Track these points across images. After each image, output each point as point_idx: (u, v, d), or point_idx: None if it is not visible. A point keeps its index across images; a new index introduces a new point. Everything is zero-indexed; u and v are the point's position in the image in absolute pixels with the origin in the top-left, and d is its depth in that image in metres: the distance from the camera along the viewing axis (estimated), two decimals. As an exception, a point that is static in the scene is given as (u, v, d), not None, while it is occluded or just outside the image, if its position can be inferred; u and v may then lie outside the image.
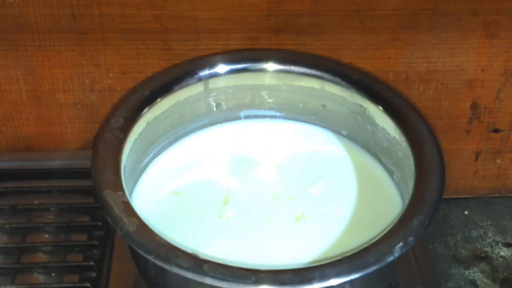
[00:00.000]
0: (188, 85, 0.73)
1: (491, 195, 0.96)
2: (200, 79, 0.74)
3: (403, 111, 0.71)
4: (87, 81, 0.82)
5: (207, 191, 0.71)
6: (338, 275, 0.56)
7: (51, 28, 0.78)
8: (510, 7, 0.80)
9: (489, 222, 0.93)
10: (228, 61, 0.75)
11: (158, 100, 0.71)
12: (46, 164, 0.83)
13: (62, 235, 0.76)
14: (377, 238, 0.59)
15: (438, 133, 0.86)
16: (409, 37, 0.81)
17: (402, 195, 0.70)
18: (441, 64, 0.84)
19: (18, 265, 0.72)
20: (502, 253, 0.88)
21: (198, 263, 0.56)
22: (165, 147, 0.75)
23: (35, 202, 0.79)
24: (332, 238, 0.66)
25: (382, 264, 0.57)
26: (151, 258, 0.57)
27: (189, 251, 0.57)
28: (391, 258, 0.57)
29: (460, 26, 0.81)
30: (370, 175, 0.74)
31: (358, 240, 0.63)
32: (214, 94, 0.76)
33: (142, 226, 0.59)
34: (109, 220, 0.59)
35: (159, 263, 0.56)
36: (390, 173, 0.73)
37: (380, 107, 0.72)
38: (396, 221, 0.60)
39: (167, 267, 0.56)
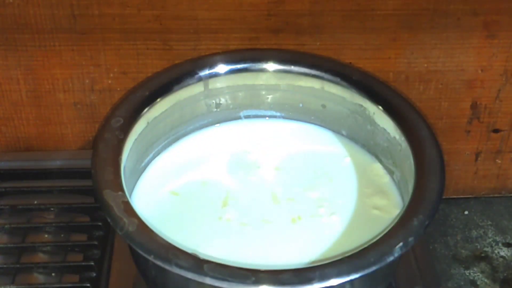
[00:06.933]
0: (188, 85, 0.73)
1: (491, 195, 0.96)
2: (200, 79, 0.74)
3: (403, 111, 0.71)
4: (87, 81, 0.82)
5: (207, 191, 0.71)
6: (338, 275, 0.56)
7: (51, 28, 0.78)
8: (510, 7, 0.80)
9: (489, 222, 0.93)
10: (228, 61, 0.75)
11: (158, 100, 0.71)
12: (46, 164, 0.83)
13: (62, 235, 0.76)
14: (377, 238, 0.59)
15: (438, 133, 0.86)
16: (409, 37, 0.81)
17: (402, 195, 0.70)
18: (441, 64, 0.84)
19: (18, 265, 0.72)
20: (502, 253, 0.88)
21: (198, 263, 0.56)
22: (165, 147, 0.75)
23: (35, 202, 0.79)
24: (332, 238, 0.66)
25: (382, 264, 0.57)
26: (151, 258, 0.57)
27: (189, 251, 0.57)
28: (391, 258, 0.57)
29: (460, 26, 0.81)
30: (370, 175, 0.74)
31: (358, 240, 0.63)
32: (214, 94, 0.76)
33: (142, 226, 0.59)
34: (109, 220, 0.59)
35: (159, 263, 0.56)
36: (390, 173, 0.73)
37: (380, 107, 0.72)
38: (396, 221, 0.60)
39: (167, 267, 0.56)
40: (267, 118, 0.79)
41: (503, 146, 0.91)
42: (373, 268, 0.57)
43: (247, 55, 0.77)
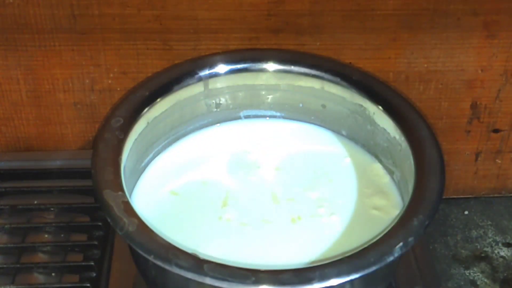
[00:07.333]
0: (188, 85, 0.73)
1: (491, 195, 0.96)
2: (200, 79, 0.74)
3: (403, 111, 0.71)
4: (87, 81, 0.82)
5: (207, 191, 0.71)
6: (338, 275, 0.56)
7: (51, 28, 0.78)
8: (510, 7, 0.80)
9: (489, 222, 0.93)
10: (228, 61, 0.75)
11: (158, 100, 0.71)
12: (46, 164, 0.83)
13: (62, 235, 0.76)
14: (377, 238, 0.59)
15: (438, 133, 0.86)
16: (409, 37, 0.81)
17: (402, 195, 0.70)
18: (441, 64, 0.84)
19: (18, 265, 0.72)
20: (502, 253, 0.88)
21: (198, 263, 0.56)
22: (165, 147, 0.75)
23: (35, 202, 0.79)
24: (332, 238, 0.66)
25: (382, 264, 0.57)
26: (151, 258, 0.57)
27: (189, 251, 0.57)
28: (391, 258, 0.57)
29: (460, 26, 0.81)
30: (370, 175, 0.74)
31: (357, 240, 0.63)
32: (214, 94, 0.76)
33: (142, 226, 0.59)
34: (109, 220, 0.59)
35: (159, 263, 0.56)
36: (390, 173, 0.73)
37: (380, 107, 0.72)
38: (396, 221, 0.60)
39: (167, 267, 0.56)
40: (267, 118, 0.79)
41: (503, 146, 0.91)
42: (373, 268, 0.57)
43: (247, 55, 0.77)
